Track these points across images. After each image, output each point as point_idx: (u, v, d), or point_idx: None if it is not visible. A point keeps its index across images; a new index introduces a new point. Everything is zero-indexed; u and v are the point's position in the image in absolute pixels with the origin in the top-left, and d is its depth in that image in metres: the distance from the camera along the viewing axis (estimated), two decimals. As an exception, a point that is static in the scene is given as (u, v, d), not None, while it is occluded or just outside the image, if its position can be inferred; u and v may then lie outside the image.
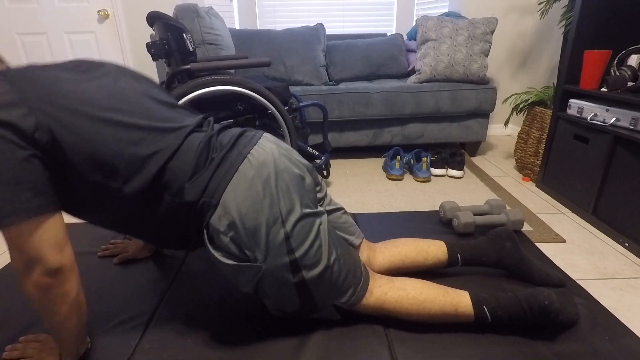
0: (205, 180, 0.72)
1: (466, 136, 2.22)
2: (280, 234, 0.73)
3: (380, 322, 0.87)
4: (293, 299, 0.78)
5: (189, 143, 0.73)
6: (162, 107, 0.76)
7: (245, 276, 0.75)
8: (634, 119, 1.25)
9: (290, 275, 0.75)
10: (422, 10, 2.79)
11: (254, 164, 0.74)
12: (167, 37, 1.36)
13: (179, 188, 0.71)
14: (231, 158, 0.75)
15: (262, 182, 0.73)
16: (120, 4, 2.49)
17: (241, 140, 0.79)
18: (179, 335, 0.87)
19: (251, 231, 0.72)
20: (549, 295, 0.82)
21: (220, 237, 0.73)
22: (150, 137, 0.70)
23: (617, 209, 1.33)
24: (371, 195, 1.73)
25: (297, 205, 0.75)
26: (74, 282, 0.67)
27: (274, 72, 2.32)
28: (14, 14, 2.52)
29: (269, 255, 0.73)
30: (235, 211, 0.71)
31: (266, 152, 0.77)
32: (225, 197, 0.71)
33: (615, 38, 1.51)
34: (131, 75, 0.78)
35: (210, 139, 0.76)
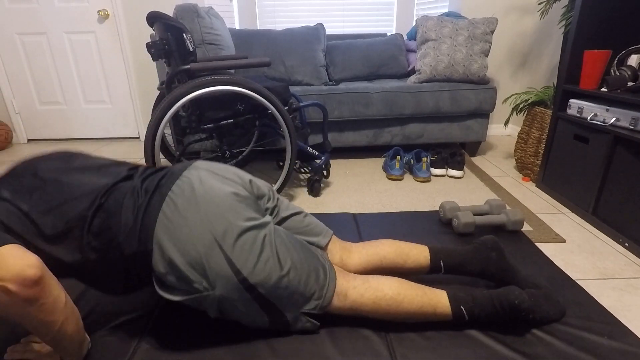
0: (136, 231, 0.73)
1: (466, 136, 2.22)
2: (221, 258, 0.73)
3: (380, 322, 0.87)
4: (260, 315, 0.79)
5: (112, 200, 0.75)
6: (82, 176, 0.78)
7: (204, 304, 0.76)
8: (634, 119, 1.25)
9: (246, 293, 0.76)
10: (422, 10, 2.79)
11: (176, 201, 0.75)
12: (167, 37, 1.36)
13: (115, 245, 0.73)
14: (153, 201, 0.76)
15: (188, 215, 0.74)
16: (120, 4, 2.49)
17: (163, 181, 0.80)
18: (179, 335, 0.87)
19: (192, 264, 0.73)
20: (520, 294, 0.84)
21: (166, 278, 0.74)
22: (67, 209, 0.72)
23: (617, 209, 1.33)
24: (371, 195, 1.73)
25: (233, 222, 0.75)
26: (58, 287, 0.67)
27: (274, 72, 2.32)
28: (14, 14, 2.52)
29: (216, 281, 0.73)
30: (170, 251, 0.72)
31: (188, 183, 0.78)
32: (156, 240, 0.73)
33: (615, 38, 1.51)
34: (51, 160, 0.81)
35: (134, 189, 0.78)
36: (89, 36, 2.60)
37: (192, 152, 2.13)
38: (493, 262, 0.98)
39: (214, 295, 0.74)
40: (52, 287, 0.65)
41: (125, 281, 0.78)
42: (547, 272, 1.09)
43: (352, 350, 0.82)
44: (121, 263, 0.74)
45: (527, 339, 0.84)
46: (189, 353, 0.82)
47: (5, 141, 2.64)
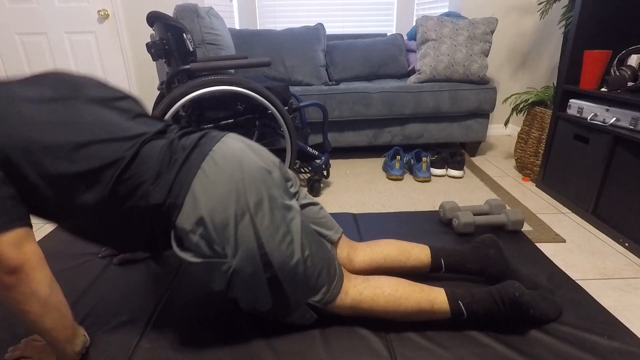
0: (169, 182, 0.72)
1: (466, 136, 2.22)
2: (249, 228, 0.73)
3: (380, 322, 0.87)
4: (266, 296, 0.78)
5: (148, 150, 0.74)
6: (120, 118, 0.77)
7: (216, 274, 0.74)
8: (634, 119, 1.25)
9: (262, 270, 0.74)
10: (422, 10, 2.79)
11: (217, 160, 0.75)
12: (167, 37, 1.36)
13: (142, 193, 0.72)
14: (193, 157, 0.75)
15: (227, 177, 0.73)
16: (120, 4, 2.49)
17: (203, 140, 0.79)
18: (179, 335, 0.87)
19: (220, 226, 0.71)
20: (519, 287, 0.84)
21: (188, 237, 0.72)
22: (105, 149, 0.70)
23: (617, 209, 1.33)
24: (371, 195, 1.73)
25: (265, 197, 0.75)
26: (41, 280, 0.66)
27: (274, 72, 2.32)
28: (14, 14, 2.52)
29: (239, 249, 0.72)
30: (202, 207, 0.71)
31: (229, 148, 0.78)
32: (191, 195, 0.72)
33: (615, 38, 1.51)
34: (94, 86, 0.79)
35: (172, 142, 0.77)
36: (89, 36, 2.60)
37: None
38: (492, 260, 0.99)
39: (230, 264, 0.73)
40: (31, 279, 0.65)
41: (146, 236, 0.76)
42: (547, 272, 1.09)
43: (352, 350, 0.82)
44: (143, 213, 0.73)
45: (527, 338, 0.84)
46: (189, 353, 0.82)
47: (5, 141, 2.64)
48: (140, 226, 0.75)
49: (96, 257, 1.19)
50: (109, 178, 0.69)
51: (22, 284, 0.64)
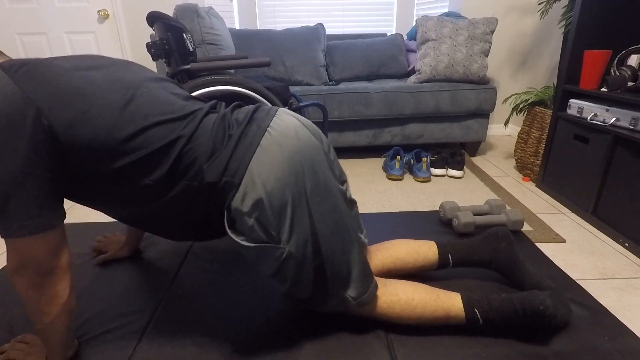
0: (225, 160, 0.68)
1: (466, 136, 2.22)
2: (305, 212, 0.69)
3: (380, 322, 0.87)
4: (307, 284, 0.75)
5: (204, 125, 0.70)
6: (173, 97, 0.74)
7: (268, 259, 0.71)
8: (634, 119, 1.25)
9: (311, 258, 0.71)
10: (422, 10, 2.79)
11: (276, 138, 0.70)
12: (167, 37, 1.36)
13: (197, 171, 0.68)
14: (251, 133, 0.70)
15: (288, 157, 0.68)
16: (120, 4, 2.49)
17: (258, 114, 0.74)
18: (178, 336, 0.87)
19: (277, 209, 0.67)
20: (545, 300, 0.81)
21: (243, 219, 0.68)
22: (166, 126, 0.67)
23: (617, 209, 1.33)
24: (371, 195, 1.73)
25: (322, 180, 0.71)
26: (65, 284, 0.67)
27: (274, 72, 2.32)
28: (14, 14, 2.52)
29: (293, 235, 0.69)
30: (261, 188, 0.67)
31: (286, 124, 0.72)
32: (248, 175, 0.67)
33: (615, 38, 1.51)
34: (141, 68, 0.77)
35: (224, 117, 0.73)
36: (89, 36, 2.60)
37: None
38: (502, 253, 0.98)
39: (283, 250, 0.69)
40: (58, 282, 0.66)
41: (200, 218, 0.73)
42: (547, 272, 1.09)
43: (352, 350, 0.82)
44: (197, 193, 0.69)
45: (527, 338, 0.84)
46: (189, 353, 0.82)
47: (5, 141, 2.64)
48: (191, 207, 0.71)
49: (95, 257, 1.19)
50: (167, 158, 0.66)
51: (50, 285, 0.65)
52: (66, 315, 0.70)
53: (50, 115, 0.59)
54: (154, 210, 0.71)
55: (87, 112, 0.62)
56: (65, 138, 0.61)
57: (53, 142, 0.60)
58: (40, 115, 0.59)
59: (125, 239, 1.18)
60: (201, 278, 1.08)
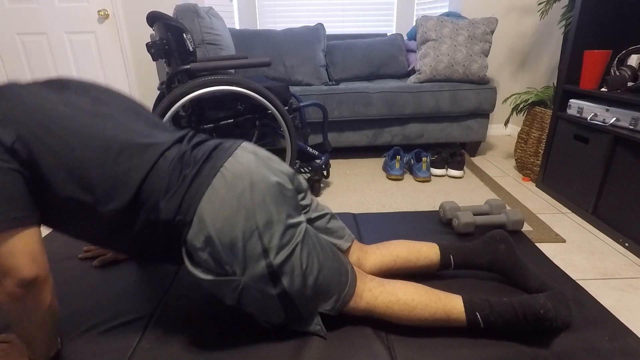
0: (178, 199, 0.71)
1: (466, 136, 2.22)
2: (258, 246, 0.72)
3: (380, 322, 0.87)
4: (277, 310, 0.78)
5: (163, 161, 0.73)
6: (142, 124, 0.76)
7: (225, 290, 0.75)
8: (634, 119, 1.25)
9: (271, 286, 0.74)
10: (422, 10, 2.79)
11: (227, 177, 0.73)
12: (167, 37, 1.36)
13: (154, 206, 0.71)
14: (204, 172, 0.73)
15: (237, 195, 0.72)
16: (120, 4, 2.49)
17: (216, 153, 0.77)
18: (179, 335, 0.87)
19: (228, 246, 0.71)
20: (545, 304, 0.81)
21: (197, 254, 0.72)
22: (128, 154, 0.70)
23: (617, 209, 1.33)
24: (371, 195, 1.73)
25: (275, 216, 0.74)
26: (47, 291, 0.66)
27: (274, 72, 2.32)
28: (14, 14, 2.52)
29: (247, 268, 0.72)
30: (210, 226, 0.70)
31: (241, 164, 0.76)
32: (199, 213, 0.71)
33: (615, 38, 1.51)
34: (111, 94, 0.79)
35: (184, 154, 0.75)
36: (89, 36, 2.60)
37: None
38: (502, 255, 0.98)
39: (239, 281, 0.73)
40: (41, 292, 0.64)
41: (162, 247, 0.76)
42: (547, 272, 1.09)
43: (352, 351, 0.82)
44: (155, 226, 0.72)
45: (527, 339, 0.84)
46: (189, 353, 0.82)
47: (5, 141, 2.64)
48: (156, 238, 0.74)
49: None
50: (127, 189, 0.69)
51: (32, 296, 0.63)
52: (50, 321, 0.70)
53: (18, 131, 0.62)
54: (116, 236, 0.74)
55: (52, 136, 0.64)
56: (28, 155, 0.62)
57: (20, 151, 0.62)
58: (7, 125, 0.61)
59: None
60: (201, 278, 1.08)
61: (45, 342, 0.74)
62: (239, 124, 1.52)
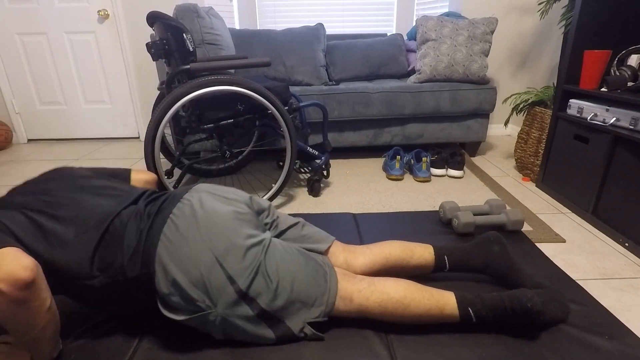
0: (139, 254, 0.76)
1: (466, 136, 2.22)
2: (221, 276, 0.75)
3: (379, 322, 0.87)
4: (265, 330, 0.79)
5: (117, 226, 0.78)
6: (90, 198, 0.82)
7: (208, 325, 0.77)
8: (634, 119, 1.25)
9: (248, 309, 0.77)
10: (422, 10, 2.79)
11: (177, 222, 0.78)
12: (167, 37, 1.36)
13: (119, 268, 0.75)
14: (155, 225, 0.78)
15: (188, 236, 0.76)
16: (120, 4, 2.49)
17: (165, 204, 0.82)
18: (179, 335, 0.87)
19: (194, 283, 0.74)
20: (532, 297, 0.82)
21: (170, 299, 0.76)
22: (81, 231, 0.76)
23: (617, 209, 1.33)
24: (371, 195, 1.73)
25: (232, 242, 0.77)
26: (46, 291, 0.68)
27: (274, 72, 2.32)
28: (14, 14, 2.52)
29: (218, 299, 0.75)
30: (172, 270, 0.74)
31: (188, 205, 0.80)
32: (158, 262, 0.75)
33: (615, 38, 1.51)
34: (58, 179, 0.86)
35: (137, 212, 0.81)
36: (89, 36, 2.60)
37: (192, 152, 2.13)
38: (496, 256, 0.98)
39: (216, 313, 0.76)
40: (40, 291, 0.66)
41: (128, 303, 0.82)
42: (547, 272, 1.09)
43: (352, 351, 0.82)
44: (124, 286, 0.76)
45: (528, 339, 0.84)
46: (189, 353, 0.82)
47: (5, 141, 2.64)
48: (126, 295, 0.79)
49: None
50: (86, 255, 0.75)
51: (34, 297, 0.64)
52: (53, 321, 0.72)
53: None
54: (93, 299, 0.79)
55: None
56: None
57: None
58: None
59: None
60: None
61: (50, 343, 0.75)
62: (239, 124, 1.52)
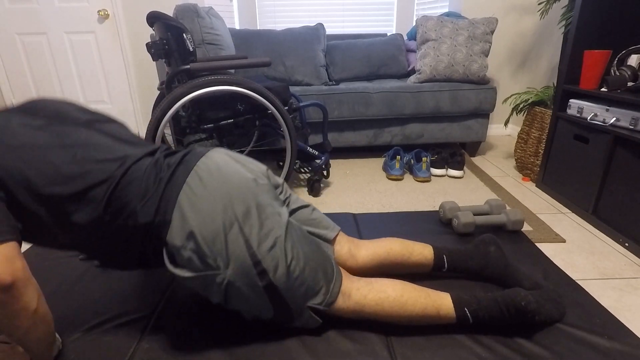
0: (156, 200, 0.73)
1: (466, 136, 2.22)
2: (239, 238, 0.73)
3: (381, 323, 0.87)
4: (266, 305, 0.78)
5: (136, 169, 0.76)
6: (107, 140, 0.79)
7: (212, 287, 0.75)
8: (634, 119, 1.25)
9: (257, 279, 0.75)
10: (422, 10, 2.79)
11: (201, 175, 0.76)
12: (167, 37, 1.36)
13: (130, 213, 0.73)
14: (178, 173, 0.76)
15: (212, 190, 0.74)
16: (120, 4, 2.49)
17: (187, 157, 0.81)
18: (179, 335, 0.87)
19: (210, 239, 0.72)
20: (526, 296, 0.83)
21: (180, 253, 0.73)
22: (96, 169, 0.72)
23: (617, 209, 1.33)
24: (371, 195, 1.73)
25: (253, 206, 0.76)
26: (31, 294, 0.66)
27: (274, 72, 2.32)
28: (14, 14, 2.52)
29: (230, 260, 0.73)
30: (191, 222, 0.72)
31: (213, 162, 0.79)
32: (177, 211, 0.73)
33: (615, 38, 1.51)
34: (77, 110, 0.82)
35: (157, 162, 0.79)
36: (89, 36, 2.60)
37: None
38: (492, 257, 1.00)
39: (224, 275, 0.73)
40: (22, 295, 0.64)
41: (138, 254, 0.78)
42: (547, 272, 1.09)
43: (352, 351, 0.82)
44: (134, 232, 0.74)
45: (527, 339, 0.84)
46: (189, 353, 0.82)
47: (5, 141, 2.64)
48: (130, 245, 0.76)
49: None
50: (100, 198, 0.71)
51: (14, 300, 0.63)
52: (40, 324, 0.69)
53: None
54: (96, 246, 0.76)
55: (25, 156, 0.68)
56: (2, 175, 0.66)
57: None
58: None
59: None
60: (201, 278, 1.08)
61: (41, 346, 0.73)
62: (239, 124, 1.52)
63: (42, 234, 0.73)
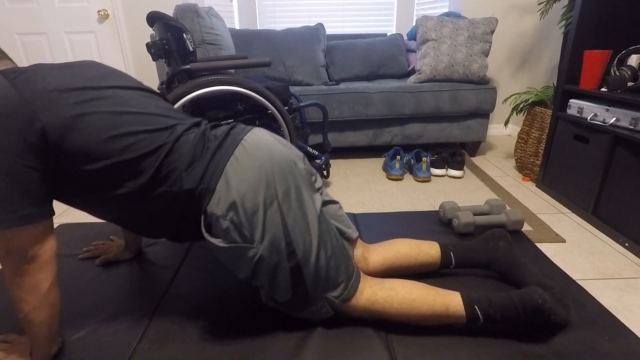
0: (202, 168, 0.75)
1: (466, 136, 2.22)
2: (277, 215, 0.75)
3: (380, 322, 0.87)
4: (286, 287, 0.78)
5: (185, 138, 0.78)
6: (158, 109, 0.80)
7: (242, 260, 0.76)
8: (634, 119, 1.25)
9: (286, 259, 0.76)
10: (422, 10, 2.79)
11: (248, 148, 0.77)
12: (167, 37, 1.36)
13: (176, 178, 0.74)
14: (226, 145, 0.78)
15: (258, 164, 0.76)
16: (120, 4, 2.49)
17: (234, 130, 0.83)
18: (179, 335, 0.87)
19: (250, 212, 0.73)
20: (542, 294, 0.82)
21: (219, 222, 0.74)
22: (151, 136, 0.74)
23: (617, 209, 1.33)
24: (371, 195, 1.73)
25: (293, 187, 0.77)
26: (47, 274, 0.69)
27: (274, 72, 2.32)
28: (14, 14, 2.52)
29: (265, 236, 0.74)
30: (234, 193, 0.73)
31: (259, 138, 0.81)
32: (223, 181, 0.74)
33: (615, 38, 1.51)
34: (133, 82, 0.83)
35: (204, 132, 0.80)
36: (89, 36, 2.60)
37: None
38: (501, 252, 1.00)
39: (257, 250, 0.74)
40: (40, 270, 0.68)
41: (175, 223, 0.79)
42: (547, 272, 1.09)
43: (352, 351, 0.82)
44: (175, 198, 0.75)
45: (527, 338, 0.84)
46: (189, 353, 0.82)
47: (5, 141, 2.64)
48: (169, 211, 0.77)
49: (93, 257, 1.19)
50: (150, 166, 0.72)
51: (31, 273, 0.67)
52: (47, 308, 0.71)
53: (44, 118, 0.65)
54: (135, 212, 0.77)
55: (81, 119, 0.68)
56: (55, 140, 0.66)
57: (43, 143, 0.65)
58: (34, 117, 0.64)
59: (124, 243, 1.18)
60: (201, 278, 1.08)
61: (43, 332, 0.74)
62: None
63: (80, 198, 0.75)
